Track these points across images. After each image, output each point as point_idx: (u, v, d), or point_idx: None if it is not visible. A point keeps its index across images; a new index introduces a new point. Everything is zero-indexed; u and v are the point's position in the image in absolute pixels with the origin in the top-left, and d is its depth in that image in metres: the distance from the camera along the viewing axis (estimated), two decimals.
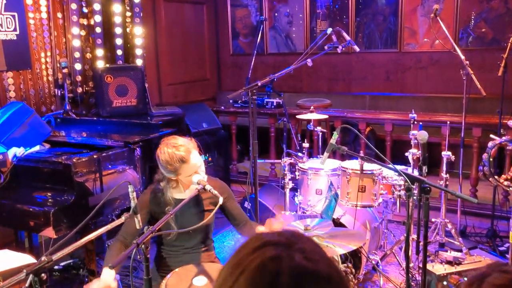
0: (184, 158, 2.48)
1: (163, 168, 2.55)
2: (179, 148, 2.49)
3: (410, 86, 6.29)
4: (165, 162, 2.50)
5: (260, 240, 0.91)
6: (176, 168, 2.50)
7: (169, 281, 2.40)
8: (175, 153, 2.48)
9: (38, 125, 3.59)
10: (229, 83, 7.62)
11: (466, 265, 3.31)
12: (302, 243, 0.90)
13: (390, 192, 3.58)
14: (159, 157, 2.53)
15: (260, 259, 0.87)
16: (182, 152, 2.48)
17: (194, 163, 2.52)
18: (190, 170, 2.50)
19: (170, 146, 2.51)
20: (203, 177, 2.55)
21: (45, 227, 3.05)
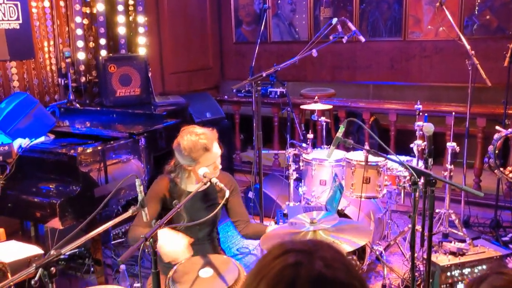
0: (207, 147, 2.48)
1: (183, 156, 2.52)
2: (202, 136, 2.50)
3: (414, 75, 6.26)
4: (188, 149, 2.48)
5: (283, 248, 0.93)
6: (198, 157, 2.48)
7: (175, 273, 2.41)
8: (198, 141, 2.48)
9: (43, 116, 3.59)
10: (232, 72, 7.59)
11: (469, 256, 3.33)
12: (323, 251, 0.91)
13: (395, 183, 3.58)
14: (181, 144, 2.51)
15: (280, 266, 0.89)
16: (205, 140, 2.49)
17: (216, 152, 2.53)
18: (210, 160, 2.51)
19: (193, 134, 2.51)
20: (216, 170, 2.55)
21: (51, 218, 3.06)
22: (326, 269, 0.87)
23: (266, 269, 0.90)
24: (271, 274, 0.88)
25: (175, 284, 2.31)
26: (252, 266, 0.98)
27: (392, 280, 3.57)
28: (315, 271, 0.86)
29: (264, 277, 0.89)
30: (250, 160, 6.08)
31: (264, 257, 0.94)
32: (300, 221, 2.37)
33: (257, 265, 0.93)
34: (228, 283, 2.29)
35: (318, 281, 0.85)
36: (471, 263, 3.30)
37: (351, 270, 0.90)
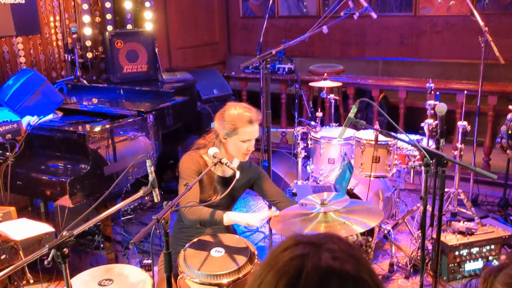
0: (252, 120, 2.51)
1: (225, 124, 2.52)
2: (251, 110, 2.54)
3: (424, 51, 6.16)
4: (233, 117, 2.51)
5: (293, 240, 0.94)
6: (239, 126, 2.50)
7: (187, 252, 2.42)
8: (245, 113, 2.51)
9: (51, 93, 3.56)
10: (239, 47, 7.51)
11: (478, 236, 3.33)
12: (332, 244, 0.91)
13: (404, 162, 3.56)
14: (226, 112, 2.54)
15: (287, 257, 0.89)
16: (251, 114, 2.52)
17: (256, 129, 2.55)
18: (249, 134, 2.52)
19: (241, 107, 2.55)
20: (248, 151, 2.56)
21: (61, 196, 3.07)
22: (333, 261, 0.87)
23: (274, 260, 0.91)
24: (279, 265, 0.89)
25: (187, 263, 2.32)
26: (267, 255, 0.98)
27: (400, 258, 3.59)
28: (322, 262, 0.87)
29: (272, 268, 0.90)
30: (257, 137, 6.04)
31: (274, 249, 0.95)
32: (311, 202, 2.36)
33: (268, 256, 0.94)
34: (239, 263, 2.30)
35: (325, 273, 0.86)
36: (480, 242, 3.31)
37: (360, 263, 0.89)
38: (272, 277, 0.89)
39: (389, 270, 3.46)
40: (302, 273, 0.86)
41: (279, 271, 0.88)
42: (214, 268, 2.27)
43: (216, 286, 2.21)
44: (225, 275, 2.22)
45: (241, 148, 2.55)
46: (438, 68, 6.03)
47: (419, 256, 3.43)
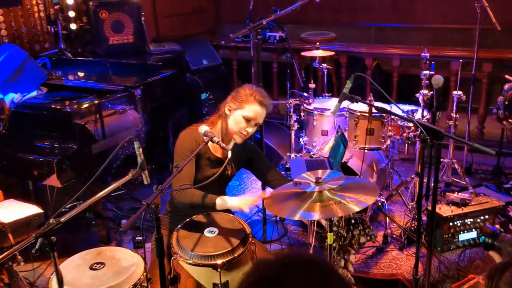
0: (262, 102, 2.50)
1: (235, 96, 2.53)
2: (265, 97, 2.54)
3: (418, 16, 6.01)
4: (247, 94, 2.51)
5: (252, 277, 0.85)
6: (248, 102, 2.48)
7: (180, 232, 2.38)
8: (259, 95, 2.51)
9: (34, 69, 3.44)
10: (229, 14, 7.29)
11: (472, 207, 3.32)
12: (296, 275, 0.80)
13: (398, 133, 3.51)
14: (243, 89, 2.55)
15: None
16: (264, 99, 2.52)
17: (262, 113, 2.52)
18: (254, 113, 2.48)
19: (259, 90, 2.56)
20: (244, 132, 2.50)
21: (49, 176, 3.00)
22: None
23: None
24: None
25: (180, 243, 2.28)
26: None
27: (394, 230, 3.59)
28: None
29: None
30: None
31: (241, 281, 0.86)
32: (305, 180, 2.31)
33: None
34: (233, 243, 2.26)
35: None
36: (474, 213, 3.30)
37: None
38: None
39: (383, 242, 3.46)
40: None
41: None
42: (208, 249, 2.23)
43: (210, 267, 2.18)
44: (219, 255, 2.19)
45: (240, 125, 2.49)
46: (432, 34, 5.91)
47: (413, 227, 3.43)
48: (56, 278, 1.83)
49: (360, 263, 3.27)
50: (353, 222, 2.50)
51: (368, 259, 3.31)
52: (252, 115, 2.49)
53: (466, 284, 3.09)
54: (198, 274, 2.21)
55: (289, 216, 2.17)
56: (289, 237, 3.59)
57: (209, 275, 2.19)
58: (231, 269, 2.21)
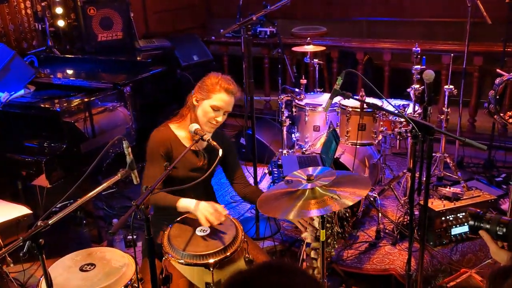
0: (228, 90, 2.47)
1: (202, 86, 2.50)
2: (231, 83, 2.51)
3: (409, 10, 6.00)
4: (213, 82, 2.48)
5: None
6: (214, 91, 2.46)
7: (171, 232, 2.36)
8: (225, 82, 2.48)
9: (21, 67, 3.38)
10: (219, 8, 7.24)
11: (464, 201, 3.33)
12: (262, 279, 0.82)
13: (390, 128, 3.50)
14: (208, 78, 2.52)
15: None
16: (231, 86, 2.48)
17: (230, 102, 2.49)
18: (220, 102, 2.46)
19: (224, 77, 2.52)
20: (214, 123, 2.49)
21: (37, 176, 2.96)
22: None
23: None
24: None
25: (171, 243, 2.26)
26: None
27: (386, 225, 3.59)
28: None
29: None
30: (240, 104, 5.91)
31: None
32: (296, 178, 2.29)
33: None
34: (225, 241, 2.24)
35: None
36: (466, 207, 3.30)
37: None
38: None
39: (376, 237, 3.45)
40: None
41: None
42: (200, 248, 2.21)
43: (202, 266, 2.16)
44: (211, 254, 2.17)
45: (209, 115, 2.46)
46: (424, 28, 5.90)
47: (405, 222, 3.43)
48: (45, 281, 1.80)
49: (352, 259, 3.27)
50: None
51: (361, 254, 3.31)
52: (220, 104, 2.46)
53: (459, 278, 3.10)
54: (190, 274, 2.19)
55: (283, 216, 2.15)
56: (282, 234, 3.58)
57: (201, 274, 2.17)
58: (224, 268, 2.20)
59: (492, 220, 1.50)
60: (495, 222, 1.49)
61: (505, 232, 1.45)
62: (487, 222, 1.51)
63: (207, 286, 2.16)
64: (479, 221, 1.53)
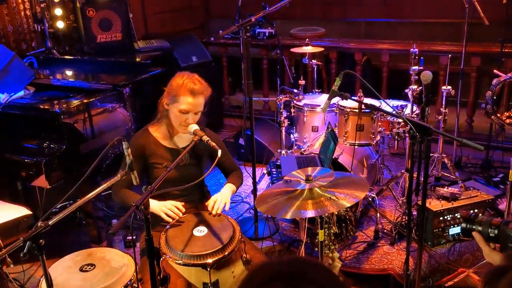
0: (194, 91, 2.45)
1: (170, 89, 2.50)
2: (196, 83, 2.47)
3: (407, 11, 6.01)
4: (179, 85, 2.47)
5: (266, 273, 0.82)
6: (180, 95, 2.45)
7: (169, 233, 2.38)
8: (190, 83, 2.46)
9: (21, 69, 3.40)
10: (218, 9, 7.25)
11: (462, 201, 3.34)
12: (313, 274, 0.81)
13: (388, 129, 3.52)
14: (174, 80, 2.51)
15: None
16: (196, 87, 2.46)
17: (198, 103, 2.47)
18: (187, 105, 2.45)
19: (189, 77, 2.49)
20: (190, 122, 2.48)
21: (37, 177, 2.97)
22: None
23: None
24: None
25: (169, 244, 2.28)
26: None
27: (385, 225, 3.60)
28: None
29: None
30: (239, 105, 5.95)
31: (246, 282, 0.83)
32: (295, 178, 2.31)
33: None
34: (223, 241, 2.26)
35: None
36: (464, 207, 3.32)
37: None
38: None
39: (374, 237, 3.47)
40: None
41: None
42: (198, 248, 2.23)
43: (200, 266, 2.18)
44: (208, 255, 2.19)
45: (179, 118, 2.48)
46: (422, 29, 5.92)
47: (403, 222, 3.44)
48: (45, 282, 1.82)
49: (351, 259, 3.28)
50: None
51: (359, 254, 3.33)
52: (187, 107, 2.46)
53: (456, 277, 3.12)
54: (188, 274, 2.21)
55: (281, 215, 2.17)
56: (281, 234, 3.59)
57: (199, 274, 2.19)
58: (221, 268, 2.22)
59: (483, 222, 1.51)
60: (486, 224, 1.49)
61: (497, 233, 1.46)
62: (479, 224, 1.52)
63: (205, 286, 2.18)
64: (471, 223, 1.54)
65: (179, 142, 2.62)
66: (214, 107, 5.57)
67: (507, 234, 1.42)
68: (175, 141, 2.62)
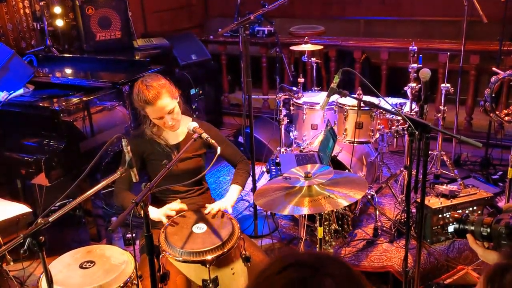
0: (148, 101, 2.41)
1: (135, 103, 2.52)
2: (150, 89, 2.42)
3: (406, 9, 6.02)
4: (136, 98, 2.48)
5: (284, 261, 0.84)
6: (143, 107, 2.47)
7: (168, 230, 2.38)
8: (141, 94, 2.43)
9: (20, 67, 3.40)
10: (217, 8, 7.25)
11: (461, 198, 3.35)
12: (330, 267, 0.83)
13: (387, 126, 3.52)
14: (133, 93, 2.52)
15: (284, 280, 0.80)
16: (150, 95, 2.40)
17: (160, 106, 2.43)
18: (153, 113, 2.46)
19: (143, 84, 2.45)
20: (171, 122, 2.49)
21: (37, 175, 2.98)
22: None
23: (267, 283, 0.82)
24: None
25: (169, 241, 2.28)
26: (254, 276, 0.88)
27: (384, 222, 3.61)
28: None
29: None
30: (238, 103, 5.96)
31: (264, 270, 0.85)
32: (294, 175, 2.31)
33: (257, 278, 0.85)
34: (222, 238, 2.27)
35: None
36: (463, 204, 3.32)
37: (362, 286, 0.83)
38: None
39: (373, 235, 3.48)
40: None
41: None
42: (197, 245, 2.24)
43: (199, 263, 2.18)
44: (208, 251, 2.19)
45: (159, 123, 2.50)
46: (420, 27, 5.92)
47: (402, 219, 3.45)
48: (45, 278, 1.82)
49: (350, 256, 3.29)
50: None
51: (359, 251, 3.33)
52: (154, 115, 2.46)
53: (455, 274, 3.13)
54: (187, 271, 2.22)
55: (279, 210, 2.17)
56: (280, 232, 3.60)
57: (198, 271, 2.19)
58: (220, 265, 2.22)
59: (476, 222, 1.51)
60: (478, 223, 1.49)
61: (489, 232, 1.45)
62: (471, 224, 1.52)
63: (204, 283, 2.18)
64: (463, 224, 1.54)
65: (170, 139, 2.64)
66: (213, 106, 5.59)
67: (499, 231, 1.42)
68: (166, 138, 2.63)
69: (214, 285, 2.17)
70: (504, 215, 1.48)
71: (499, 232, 1.42)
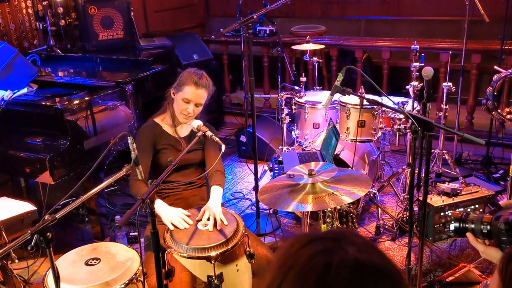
0: (198, 83, 2.61)
1: (178, 79, 2.69)
2: (203, 78, 2.65)
3: (407, 8, 6.04)
4: (186, 75, 2.66)
5: (307, 237, 0.88)
6: (185, 84, 2.62)
7: None
8: (195, 76, 2.63)
9: (24, 66, 3.41)
10: (218, 8, 7.27)
11: (463, 196, 3.36)
12: (352, 238, 0.87)
13: (389, 125, 3.54)
14: (184, 72, 2.70)
15: (309, 254, 0.84)
16: (201, 80, 2.63)
17: (199, 94, 2.62)
18: (189, 94, 2.60)
19: (197, 72, 2.68)
20: (187, 112, 2.63)
21: (41, 173, 2.99)
22: (360, 254, 0.83)
23: (292, 259, 0.85)
24: (300, 263, 0.83)
25: (174, 237, 2.30)
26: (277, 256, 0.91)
27: (386, 220, 3.63)
28: (350, 256, 0.82)
29: (291, 268, 0.83)
30: (240, 102, 5.97)
31: (287, 248, 0.88)
32: (298, 172, 2.33)
33: (281, 256, 0.87)
34: (227, 235, 2.28)
35: (355, 265, 0.82)
36: (464, 203, 3.33)
37: (383, 255, 0.87)
38: (295, 276, 0.83)
39: (375, 233, 3.49)
40: (330, 268, 0.81)
41: (303, 269, 0.83)
42: (202, 242, 2.25)
43: (204, 259, 2.20)
44: (213, 247, 2.21)
45: (181, 107, 2.63)
46: (422, 26, 5.94)
47: (405, 218, 3.47)
48: (52, 274, 1.83)
49: None
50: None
51: None
52: (189, 96, 2.61)
53: (457, 272, 3.14)
54: (192, 267, 2.23)
55: (282, 208, 2.19)
56: (283, 230, 3.61)
57: (203, 267, 2.21)
58: (225, 261, 2.24)
59: (475, 220, 1.52)
60: (478, 221, 1.51)
61: (489, 229, 1.47)
62: (471, 222, 1.53)
63: (209, 279, 2.20)
64: (464, 223, 1.56)
65: (181, 132, 2.78)
66: (214, 105, 5.60)
67: (499, 228, 1.43)
68: (177, 130, 2.76)
69: (219, 281, 2.18)
70: (503, 212, 1.49)
71: (499, 229, 1.44)
